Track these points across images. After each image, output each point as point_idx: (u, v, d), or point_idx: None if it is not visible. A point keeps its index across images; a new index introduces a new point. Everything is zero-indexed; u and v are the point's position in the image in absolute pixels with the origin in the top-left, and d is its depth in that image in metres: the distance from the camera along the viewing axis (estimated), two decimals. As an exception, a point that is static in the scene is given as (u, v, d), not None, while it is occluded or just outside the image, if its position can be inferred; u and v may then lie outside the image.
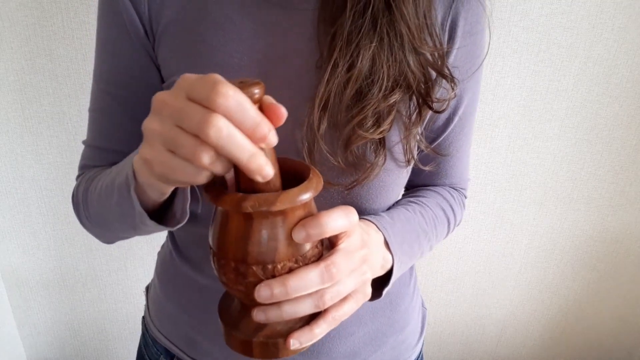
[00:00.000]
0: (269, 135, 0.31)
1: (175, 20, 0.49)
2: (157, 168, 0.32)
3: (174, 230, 0.62)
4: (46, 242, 1.17)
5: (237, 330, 0.40)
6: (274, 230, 0.36)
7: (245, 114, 0.30)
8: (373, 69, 0.45)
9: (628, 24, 1.01)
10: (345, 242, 0.40)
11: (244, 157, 0.31)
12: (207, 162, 0.30)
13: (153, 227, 0.45)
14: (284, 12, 0.48)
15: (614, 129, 1.12)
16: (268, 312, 0.37)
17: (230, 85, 0.30)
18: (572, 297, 1.34)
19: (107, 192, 0.47)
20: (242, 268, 0.36)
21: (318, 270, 0.37)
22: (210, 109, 0.29)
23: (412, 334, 0.65)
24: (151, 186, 0.39)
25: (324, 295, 0.37)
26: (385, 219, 0.52)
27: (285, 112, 0.33)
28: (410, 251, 0.52)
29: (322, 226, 0.36)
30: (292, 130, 0.48)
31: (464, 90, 0.55)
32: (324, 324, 0.39)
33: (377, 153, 0.49)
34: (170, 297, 0.62)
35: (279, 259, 0.36)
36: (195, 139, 0.30)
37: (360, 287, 0.41)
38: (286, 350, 0.39)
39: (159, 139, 0.31)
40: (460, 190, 0.66)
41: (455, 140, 0.59)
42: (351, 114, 0.46)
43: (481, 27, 0.53)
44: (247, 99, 0.30)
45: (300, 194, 0.35)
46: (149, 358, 0.67)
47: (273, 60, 0.48)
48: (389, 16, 0.45)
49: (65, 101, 1.02)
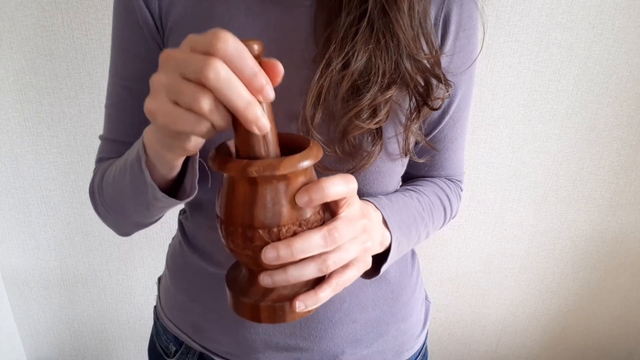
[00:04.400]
0: (266, 87, 0.33)
1: (184, 17, 0.51)
2: (160, 118, 0.34)
3: (184, 220, 0.64)
4: (46, 242, 1.17)
5: (245, 296, 0.41)
6: (278, 194, 0.37)
7: (243, 62, 0.31)
8: (369, 67, 0.47)
9: (628, 24, 1.01)
10: (346, 210, 0.41)
11: (241, 104, 0.32)
12: (206, 107, 0.31)
13: (164, 200, 0.46)
14: (285, 10, 0.50)
15: (614, 129, 1.12)
16: (274, 275, 0.39)
17: (231, 34, 0.31)
18: (572, 297, 1.34)
19: (121, 173, 0.49)
20: (249, 232, 0.38)
21: (321, 233, 0.38)
22: (211, 54, 0.31)
23: (415, 325, 0.66)
24: (161, 157, 0.41)
25: (327, 259, 0.39)
26: (383, 200, 0.53)
27: (282, 70, 0.35)
28: (407, 231, 0.54)
29: (323, 190, 0.38)
30: (290, 123, 0.50)
31: (457, 85, 0.57)
32: (328, 288, 0.41)
33: (373, 143, 0.50)
34: (179, 286, 0.64)
35: (283, 223, 0.37)
36: (196, 86, 0.31)
37: (362, 256, 0.43)
38: (292, 314, 0.40)
39: (163, 90, 0.33)
40: (457, 182, 0.67)
41: (450, 132, 0.61)
42: (348, 106, 0.48)
43: (474, 22, 0.55)
44: (246, 49, 0.32)
45: (301, 159, 0.37)
46: (159, 346, 0.69)
47: (275, 56, 0.50)
48: (386, 20, 0.46)
49: (65, 101, 1.02)
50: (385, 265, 0.50)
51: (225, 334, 0.59)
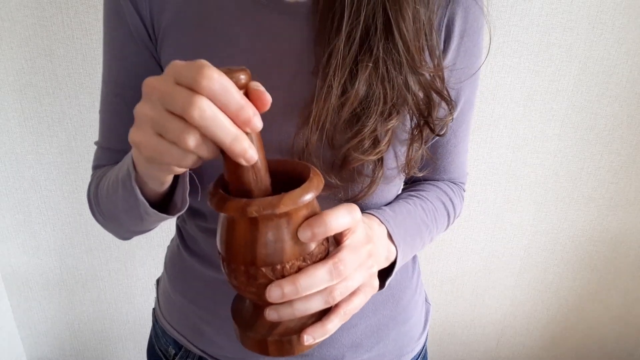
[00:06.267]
0: (254, 119, 0.32)
1: (175, 22, 0.50)
2: (145, 151, 0.33)
3: (182, 224, 0.64)
4: (46, 242, 1.17)
5: (252, 330, 0.40)
6: (280, 231, 0.36)
7: (229, 97, 0.31)
8: (369, 94, 0.46)
9: (628, 24, 1.01)
10: (351, 238, 0.41)
11: (227, 139, 0.31)
12: (192, 144, 0.31)
13: (155, 216, 0.46)
14: (280, 16, 0.49)
15: (614, 129, 1.12)
16: (280, 310, 0.38)
17: (215, 69, 0.31)
18: (572, 297, 1.34)
19: (114, 187, 0.48)
20: (251, 271, 0.37)
21: (326, 267, 0.37)
22: (195, 91, 0.30)
23: (415, 327, 0.65)
24: (149, 175, 0.40)
25: (333, 291, 0.38)
26: (387, 212, 0.52)
27: (269, 99, 0.34)
28: (412, 242, 0.53)
29: (326, 225, 0.37)
30: (284, 140, 0.49)
31: (461, 89, 0.56)
32: (335, 318, 0.40)
33: (375, 171, 0.50)
34: (178, 290, 0.64)
35: (287, 259, 0.37)
36: (182, 122, 0.31)
37: (368, 281, 0.42)
38: (300, 347, 0.40)
39: (148, 123, 0.32)
40: (460, 184, 0.67)
41: (453, 137, 0.60)
42: (347, 136, 0.47)
43: (479, 26, 0.53)
44: (231, 82, 0.31)
45: (302, 194, 0.35)
46: (159, 349, 0.68)
47: (268, 64, 0.49)
48: (386, 42, 0.45)
49: (65, 101, 1.02)
50: (390, 278, 0.50)
51: (225, 338, 0.59)
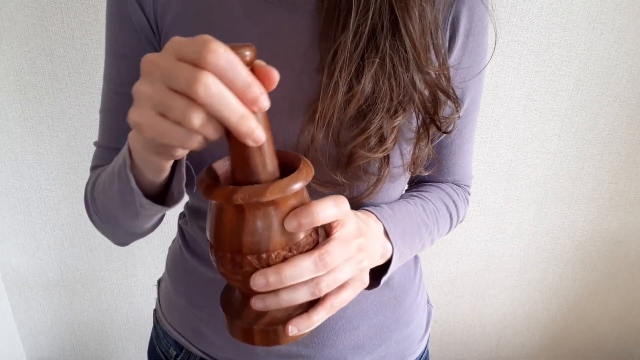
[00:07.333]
0: (261, 98, 0.31)
1: (178, 19, 0.50)
2: (147, 131, 0.31)
3: (184, 225, 0.63)
4: (46, 242, 1.17)
5: (239, 319, 0.41)
6: (267, 220, 0.36)
7: (236, 74, 0.29)
8: (376, 90, 0.45)
9: (628, 24, 1.01)
10: (340, 231, 0.40)
11: (234, 118, 0.30)
12: (197, 123, 0.29)
13: (150, 208, 0.45)
14: (286, 14, 0.48)
15: (614, 129, 1.12)
16: (266, 300, 0.38)
17: (222, 43, 0.29)
18: (572, 297, 1.34)
19: (110, 180, 0.47)
20: (237, 258, 0.37)
21: (312, 258, 0.37)
22: (200, 67, 0.28)
23: (417, 330, 0.65)
24: (147, 161, 0.39)
25: (319, 282, 0.38)
26: (385, 209, 0.52)
27: (277, 76, 0.32)
28: (410, 241, 0.53)
29: (313, 215, 0.37)
30: (289, 138, 0.49)
31: (466, 89, 0.55)
32: (322, 311, 0.40)
33: (380, 169, 0.49)
34: (179, 291, 0.64)
35: (273, 248, 0.37)
36: (185, 100, 0.29)
37: (358, 275, 0.42)
38: (285, 337, 0.40)
39: (149, 102, 0.30)
40: (464, 186, 0.66)
41: (458, 137, 0.59)
42: (353, 133, 0.46)
43: (484, 26, 0.53)
44: (238, 58, 0.30)
45: (290, 184, 0.35)
46: (160, 350, 0.68)
47: (274, 62, 0.49)
48: (393, 40, 0.44)
49: (65, 101, 1.02)
50: (385, 276, 0.50)
51: (226, 340, 0.59)
